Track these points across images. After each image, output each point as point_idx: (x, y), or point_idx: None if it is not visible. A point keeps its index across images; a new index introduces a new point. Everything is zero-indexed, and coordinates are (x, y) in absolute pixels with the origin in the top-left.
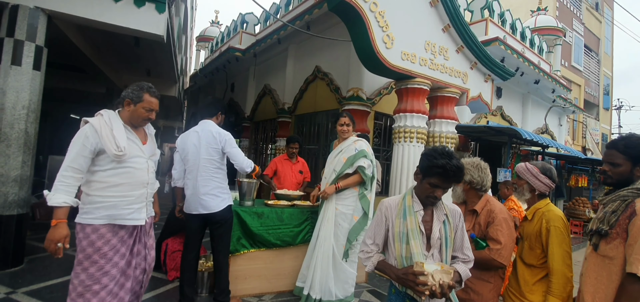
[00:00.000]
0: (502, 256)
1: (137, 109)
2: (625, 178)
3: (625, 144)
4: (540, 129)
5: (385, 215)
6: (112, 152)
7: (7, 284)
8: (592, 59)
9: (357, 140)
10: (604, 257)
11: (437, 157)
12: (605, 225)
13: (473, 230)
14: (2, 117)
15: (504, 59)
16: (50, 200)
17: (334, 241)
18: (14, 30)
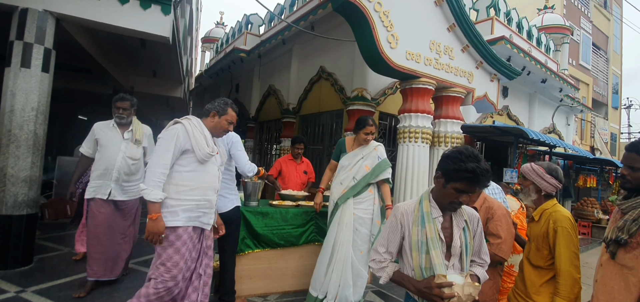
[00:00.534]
0: (502, 250)
1: (221, 121)
2: None
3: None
4: (548, 128)
5: (401, 222)
6: (204, 151)
7: (17, 282)
8: (601, 57)
9: (377, 146)
10: (623, 267)
11: (465, 160)
12: (625, 234)
13: None
14: (12, 118)
15: (510, 58)
16: (148, 196)
17: (351, 247)
18: (23, 33)
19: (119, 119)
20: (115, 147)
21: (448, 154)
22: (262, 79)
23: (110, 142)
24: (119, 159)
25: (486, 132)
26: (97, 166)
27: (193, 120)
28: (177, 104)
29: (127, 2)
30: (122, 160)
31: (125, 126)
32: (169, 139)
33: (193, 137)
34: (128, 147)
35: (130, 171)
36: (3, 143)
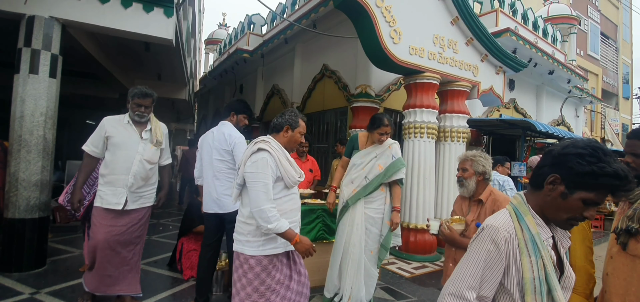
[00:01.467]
0: None
1: (295, 134)
2: None
3: None
4: (556, 120)
5: (506, 252)
6: (294, 179)
7: (31, 284)
8: (610, 47)
9: (392, 144)
10: (635, 257)
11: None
12: (636, 223)
13: (478, 219)
14: (22, 124)
15: (516, 50)
16: (279, 229)
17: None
18: (31, 40)
19: (140, 117)
20: (131, 148)
21: (572, 151)
22: (266, 79)
23: (125, 141)
24: (136, 163)
25: (493, 125)
26: (109, 169)
27: (272, 143)
28: (183, 106)
29: (130, 5)
30: (139, 164)
31: (143, 124)
32: (264, 173)
33: (281, 166)
34: (146, 149)
35: (147, 177)
36: (14, 148)
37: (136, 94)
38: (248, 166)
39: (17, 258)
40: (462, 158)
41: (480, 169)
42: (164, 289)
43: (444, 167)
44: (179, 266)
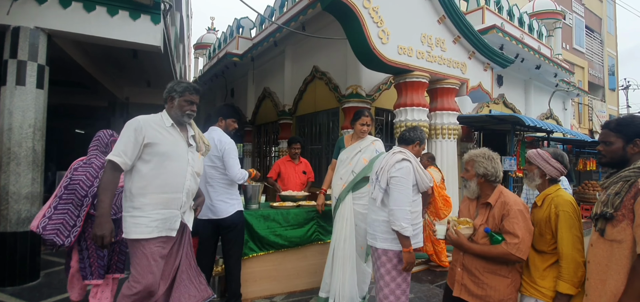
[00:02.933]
0: (520, 250)
1: (421, 148)
2: (620, 156)
3: (617, 122)
4: (545, 114)
5: None
6: (427, 185)
7: (25, 298)
8: (595, 40)
9: (375, 141)
10: (612, 242)
11: None
12: (610, 208)
13: (487, 224)
14: (11, 136)
15: (502, 47)
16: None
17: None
18: (17, 52)
19: (189, 117)
20: (181, 158)
21: None
22: (257, 82)
23: (174, 150)
24: (188, 177)
25: (483, 121)
26: (154, 187)
27: (409, 155)
28: None
29: (117, 13)
30: (191, 178)
31: (185, 128)
32: (408, 181)
33: (418, 174)
34: (195, 159)
35: (195, 193)
36: (3, 161)
37: (186, 89)
38: (394, 172)
39: (10, 272)
40: (466, 158)
41: (480, 170)
42: None
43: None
44: None
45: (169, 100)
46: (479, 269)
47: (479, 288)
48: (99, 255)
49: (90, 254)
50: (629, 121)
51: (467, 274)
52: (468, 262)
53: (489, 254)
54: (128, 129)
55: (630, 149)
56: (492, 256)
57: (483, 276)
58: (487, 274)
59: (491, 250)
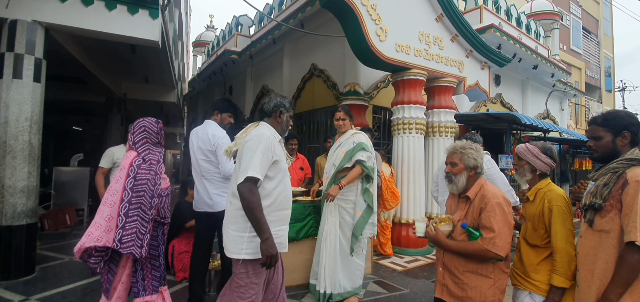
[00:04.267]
0: (496, 246)
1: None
2: (610, 150)
3: (604, 116)
4: (542, 114)
5: None
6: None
7: (20, 292)
8: (592, 41)
9: (355, 133)
10: (601, 232)
11: None
12: (598, 198)
13: (465, 219)
14: (7, 130)
15: (500, 46)
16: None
17: (340, 233)
18: (14, 45)
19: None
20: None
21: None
22: (255, 80)
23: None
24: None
25: (480, 120)
26: (279, 204)
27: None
28: (171, 110)
29: (115, 8)
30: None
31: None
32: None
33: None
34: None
35: None
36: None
37: (291, 105)
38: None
39: (5, 266)
40: (451, 150)
41: (471, 163)
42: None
43: (433, 162)
44: (172, 268)
45: (276, 115)
46: (458, 269)
47: (460, 289)
48: (154, 266)
49: (145, 266)
50: (614, 115)
51: (448, 274)
52: (448, 261)
53: (466, 250)
54: (260, 145)
55: (619, 142)
56: (469, 253)
57: (463, 275)
58: (468, 273)
59: (467, 246)
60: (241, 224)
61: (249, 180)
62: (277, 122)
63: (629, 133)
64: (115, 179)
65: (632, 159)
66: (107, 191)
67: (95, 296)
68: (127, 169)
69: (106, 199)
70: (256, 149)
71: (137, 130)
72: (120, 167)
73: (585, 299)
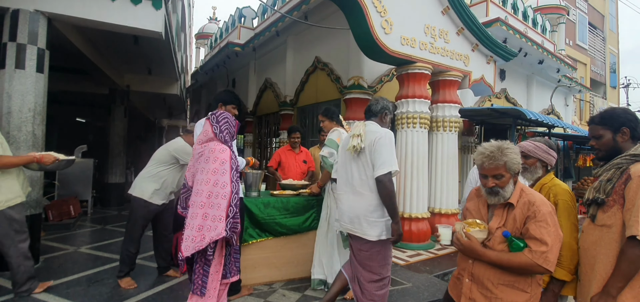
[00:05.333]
0: (548, 261)
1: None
2: (611, 147)
3: (601, 115)
4: (546, 109)
5: None
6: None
7: None
8: (597, 36)
9: (332, 131)
10: (603, 227)
11: None
12: (602, 193)
13: (505, 227)
14: (10, 120)
15: (506, 40)
16: None
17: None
18: (16, 35)
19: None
20: None
21: None
22: (258, 73)
23: None
24: None
25: (484, 115)
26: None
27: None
28: (174, 102)
29: None
30: None
31: None
32: None
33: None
34: None
35: None
36: None
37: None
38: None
39: None
40: (491, 163)
41: (516, 168)
42: (162, 283)
43: (437, 157)
44: (175, 260)
45: (382, 115)
46: (492, 281)
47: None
48: (236, 249)
49: (234, 249)
50: (611, 113)
51: (476, 287)
52: (480, 272)
53: (509, 263)
54: (392, 142)
55: (619, 138)
56: (513, 266)
57: (497, 288)
58: (502, 287)
59: (512, 259)
60: (379, 212)
61: (390, 173)
62: (383, 121)
63: (628, 129)
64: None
65: (635, 155)
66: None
67: (100, 286)
68: (229, 162)
69: (218, 193)
70: (390, 145)
71: (222, 120)
72: (220, 160)
73: (587, 294)
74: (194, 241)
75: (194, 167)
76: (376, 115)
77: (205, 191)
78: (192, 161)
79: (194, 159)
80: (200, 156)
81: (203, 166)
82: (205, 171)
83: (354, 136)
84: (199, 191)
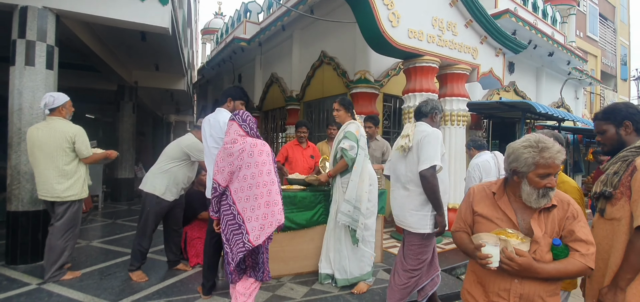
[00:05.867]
0: (594, 261)
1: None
2: (616, 141)
3: (603, 111)
4: (556, 103)
5: None
6: None
7: (38, 275)
8: (608, 28)
9: (349, 123)
10: (612, 220)
11: None
12: (609, 186)
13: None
14: (21, 117)
15: (515, 32)
16: None
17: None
18: (25, 32)
19: None
20: None
21: None
22: (264, 68)
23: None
24: None
25: (493, 108)
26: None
27: None
28: (181, 97)
29: None
30: None
31: None
32: None
33: None
34: None
35: None
36: (14, 141)
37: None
38: None
39: (23, 250)
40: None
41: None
42: (172, 276)
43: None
44: (185, 254)
45: (432, 116)
46: (543, 297)
47: None
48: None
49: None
50: (613, 108)
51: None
52: (530, 290)
53: (566, 273)
54: (438, 140)
55: (623, 132)
56: (569, 275)
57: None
58: (550, 298)
59: (568, 267)
60: (425, 205)
61: (433, 167)
62: (433, 121)
63: (630, 122)
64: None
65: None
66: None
67: (112, 279)
68: (271, 155)
69: (271, 181)
70: (436, 143)
71: (249, 120)
72: (266, 152)
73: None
74: (263, 229)
75: (232, 165)
76: (426, 116)
77: (260, 182)
78: (224, 161)
79: (229, 157)
80: (242, 152)
81: (248, 161)
82: (252, 165)
83: (403, 136)
84: (253, 184)
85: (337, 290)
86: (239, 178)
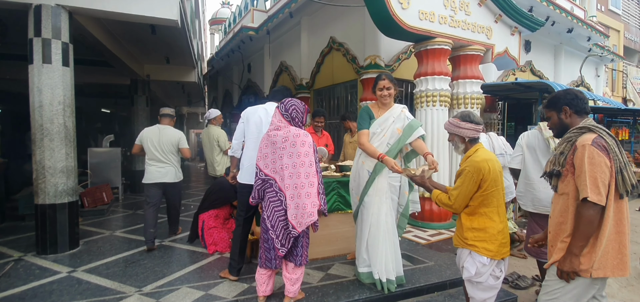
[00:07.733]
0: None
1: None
2: (560, 124)
3: (547, 100)
4: (575, 81)
5: None
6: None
7: (67, 264)
8: (632, 0)
9: (403, 109)
10: (562, 195)
11: None
12: (557, 165)
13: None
14: (42, 113)
15: (532, 9)
16: None
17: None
18: (41, 30)
19: None
20: None
21: None
22: (273, 56)
23: None
24: None
25: (508, 90)
26: None
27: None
28: (192, 89)
29: None
30: None
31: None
32: None
33: None
34: None
35: None
36: (37, 138)
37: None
38: None
39: (52, 241)
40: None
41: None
42: (192, 263)
43: None
44: (203, 241)
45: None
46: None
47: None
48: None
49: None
50: (553, 96)
51: None
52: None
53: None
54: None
55: (564, 117)
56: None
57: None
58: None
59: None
60: None
61: None
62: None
63: (568, 107)
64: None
65: (582, 128)
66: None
67: (136, 267)
68: (314, 146)
69: (311, 172)
70: None
71: (292, 110)
72: (308, 143)
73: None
74: (304, 217)
75: (273, 153)
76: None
77: (302, 172)
78: (267, 147)
79: (272, 145)
80: (285, 141)
81: (291, 150)
82: (294, 155)
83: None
84: (294, 174)
85: (352, 275)
86: (285, 165)
